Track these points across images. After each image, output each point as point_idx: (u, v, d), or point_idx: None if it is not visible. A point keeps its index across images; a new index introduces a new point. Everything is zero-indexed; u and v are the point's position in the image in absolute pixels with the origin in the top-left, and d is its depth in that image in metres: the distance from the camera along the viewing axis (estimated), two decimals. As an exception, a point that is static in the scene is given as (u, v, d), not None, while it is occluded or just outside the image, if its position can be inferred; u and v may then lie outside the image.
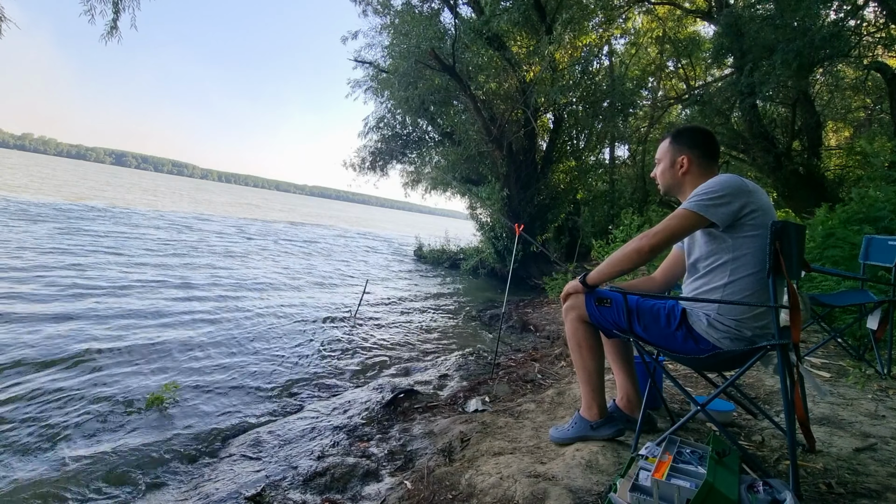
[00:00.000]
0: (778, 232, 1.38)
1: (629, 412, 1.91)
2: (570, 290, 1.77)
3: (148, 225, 12.52)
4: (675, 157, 1.66)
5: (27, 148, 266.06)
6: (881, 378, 2.51)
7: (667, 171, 1.69)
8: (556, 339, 4.85)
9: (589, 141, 12.64)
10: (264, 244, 12.82)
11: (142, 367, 3.35)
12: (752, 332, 1.47)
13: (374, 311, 6.32)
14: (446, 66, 9.12)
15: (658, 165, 1.73)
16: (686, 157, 1.64)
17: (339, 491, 1.95)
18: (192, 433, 2.51)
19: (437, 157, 12.96)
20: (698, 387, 2.54)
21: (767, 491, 1.22)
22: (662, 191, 1.75)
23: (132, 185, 37.62)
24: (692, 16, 10.54)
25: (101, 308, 4.57)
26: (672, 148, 1.68)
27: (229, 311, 5.23)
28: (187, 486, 2.06)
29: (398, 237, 25.54)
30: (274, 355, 3.98)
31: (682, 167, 1.65)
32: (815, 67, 6.92)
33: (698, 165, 1.63)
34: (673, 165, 1.67)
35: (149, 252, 8.27)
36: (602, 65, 11.83)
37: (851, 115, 10.13)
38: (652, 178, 1.81)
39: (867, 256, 2.88)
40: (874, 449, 1.73)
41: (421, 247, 15.29)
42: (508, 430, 2.18)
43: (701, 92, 9.63)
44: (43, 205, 12.67)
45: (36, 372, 3.05)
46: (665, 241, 1.52)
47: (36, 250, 6.71)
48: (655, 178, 1.77)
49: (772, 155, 7.67)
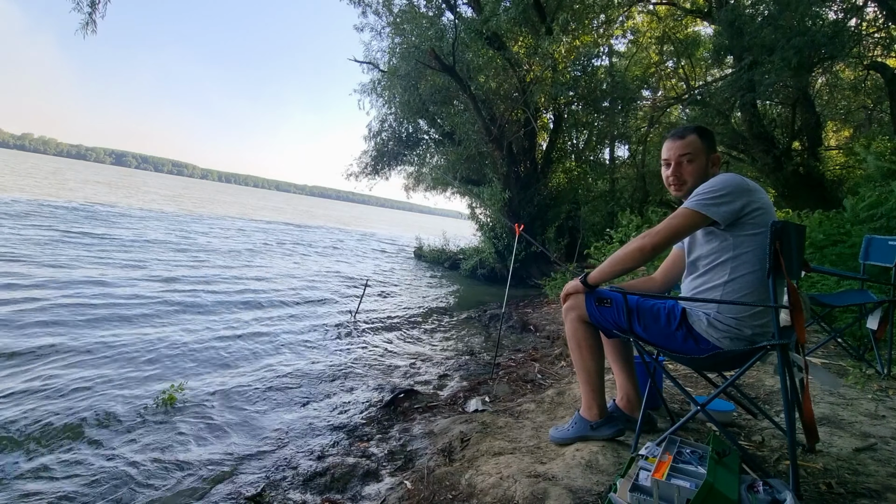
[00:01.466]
0: (778, 232, 1.38)
1: (629, 412, 1.91)
2: (571, 290, 1.77)
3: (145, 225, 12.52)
4: (710, 153, 1.62)
5: (27, 148, 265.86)
6: (881, 378, 2.51)
7: (702, 169, 1.60)
8: (556, 339, 4.85)
9: (589, 141, 12.65)
10: (263, 245, 12.81)
11: (142, 368, 3.35)
12: (753, 331, 1.47)
13: (375, 311, 6.32)
14: (446, 66, 9.12)
15: (689, 164, 1.60)
16: (717, 155, 1.63)
17: (339, 491, 1.95)
18: (192, 433, 2.51)
19: (438, 156, 12.97)
20: (698, 387, 2.55)
21: (767, 491, 1.22)
22: (688, 189, 1.60)
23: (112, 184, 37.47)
24: (692, 16, 10.54)
25: (102, 308, 4.58)
26: (705, 145, 1.61)
27: (229, 311, 5.23)
28: (187, 485, 2.05)
29: (398, 237, 25.54)
30: (274, 356, 3.98)
31: (714, 165, 1.62)
32: (815, 67, 6.93)
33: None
34: (707, 163, 1.61)
35: (151, 252, 8.28)
36: (602, 65, 11.84)
37: (851, 115, 10.13)
38: (668, 177, 1.66)
39: (867, 256, 2.88)
40: (874, 449, 1.73)
41: (421, 247, 15.29)
42: (508, 430, 2.18)
43: (701, 92, 9.63)
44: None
45: (43, 365, 3.05)
46: (667, 240, 1.51)
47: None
48: (672, 177, 1.64)
49: (772, 155, 7.68)
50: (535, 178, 10.93)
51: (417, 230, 21.07)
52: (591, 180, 12.77)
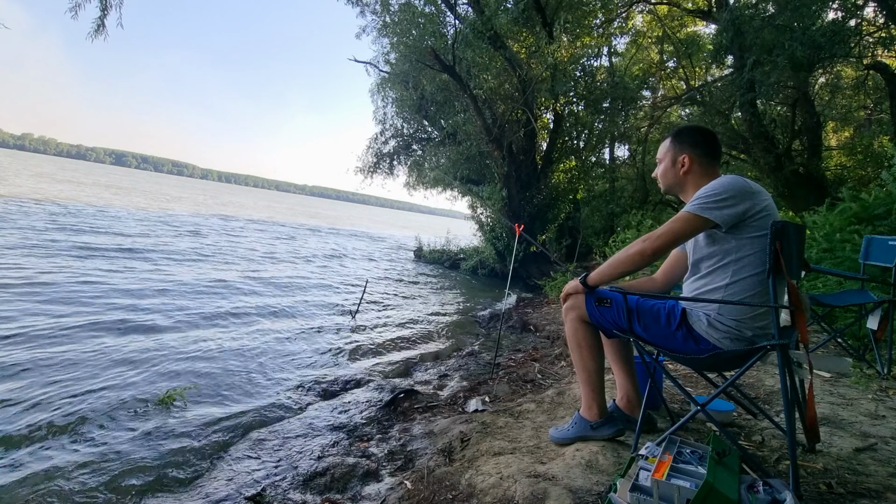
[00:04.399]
0: (778, 232, 1.38)
1: (629, 412, 1.91)
2: (570, 291, 1.77)
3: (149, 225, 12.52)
4: (676, 156, 1.65)
5: (27, 148, 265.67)
6: (881, 378, 2.51)
7: (668, 171, 1.68)
8: (556, 339, 4.85)
9: (589, 141, 12.65)
10: (264, 245, 12.81)
11: (141, 368, 3.35)
12: (753, 333, 1.47)
13: (375, 312, 6.32)
14: (446, 65, 9.12)
15: (660, 165, 1.72)
16: (687, 156, 1.63)
17: (339, 491, 1.95)
18: (192, 433, 2.51)
19: (439, 156, 12.97)
20: (698, 387, 2.54)
21: (767, 491, 1.22)
22: (663, 190, 1.75)
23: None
24: (692, 16, 10.54)
25: (102, 308, 4.58)
26: (673, 147, 1.67)
27: (229, 312, 5.23)
28: (188, 485, 2.05)
29: (398, 237, 25.53)
30: (274, 356, 3.97)
31: (683, 166, 1.64)
32: (815, 67, 6.92)
33: (700, 165, 1.62)
34: (674, 165, 1.66)
35: (152, 252, 8.28)
36: (602, 65, 11.84)
37: (851, 115, 10.13)
38: (654, 177, 1.80)
39: (867, 256, 2.88)
40: (874, 449, 1.73)
41: (421, 247, 15.29)
42: (508, 430, 2.18)
43: (701, 92, 9.63)
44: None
45: (44, 367, 3.05)
46: (668, 244, 1.51)
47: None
48: (657, 177, 1.76)
49: (772, 155, 7.67)
50: (535, 178, 10.94)
51: (418, 230, 21.05)
52: (591, 180, 12.78)
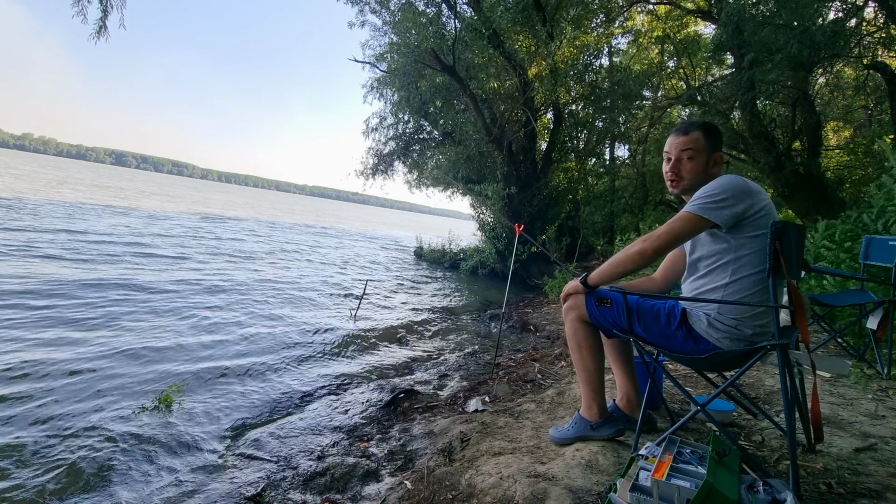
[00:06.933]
0: (778, 232, 1.38)
1: (629, 412, 1.91)
2: (571, 291, 1.77)
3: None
4: (712, 153, 1.58)
5: (27, 148, 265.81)
6: (881, 378, 2.51)
7: (702, 169, 1.58)
8: (556, 339, 4.85)
9: (589, 141, 12.65)
10: (262, 245, 12.81)
11: (139, 368, 3.35)
12: (753, 331, 1.47)
13: (375, 312, 6.32)
14: (446, 65, 9.11)
15: (688, 162, 1.58)
16: (721, 155, 1.60)
17: (339, 491, 1.95)
18: (192, 433, 2.51)
19: (439, 156, 12.97)
20: (698, 387, 2.54)
21: (767, 491, 1.22)
22: (685, 186, 1.61)
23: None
24: (692, 16, 10.53)
25: (102, 309, 4.58)
26: (708, 143, 1.57)
27: (229, 313, 5.23)
28: (187, 485, 2.05)
29: (398, 237, 25.53)
30: (274, 356, 3.97)
31: (716, 165, 1.58)
32: (815, 67, 6.92)
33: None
34: (707, 162, 1.58)
35: (151, 251, 8.28)
36: (602, 64, 11.84)
37: (851, 115, 10.12)
38: (666, 172, 1.64)
39: (867, 256, 2.88)
40: (874, 449, 1.73)
41: (421, 247, 15.29)
42: (508, 430, 2.18)
43: (701, 91, 9.62)
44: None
45: (42, 364, 3.05)
46: (668, 244, 1.51)
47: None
48: (671, 172, 1.62)
49: (772, 155, 7.66)
50: (536, 178, 10.93)
51: (418, 230, 21.06)
52: (591, 180, 12.77)
